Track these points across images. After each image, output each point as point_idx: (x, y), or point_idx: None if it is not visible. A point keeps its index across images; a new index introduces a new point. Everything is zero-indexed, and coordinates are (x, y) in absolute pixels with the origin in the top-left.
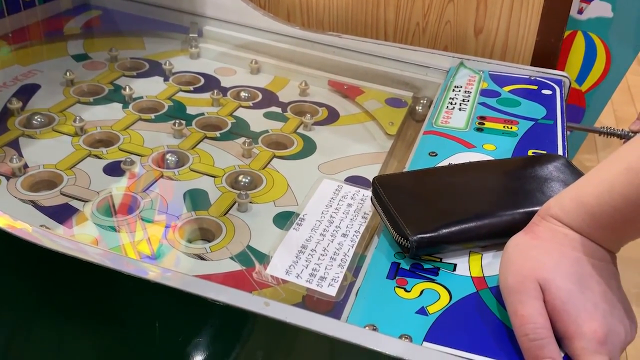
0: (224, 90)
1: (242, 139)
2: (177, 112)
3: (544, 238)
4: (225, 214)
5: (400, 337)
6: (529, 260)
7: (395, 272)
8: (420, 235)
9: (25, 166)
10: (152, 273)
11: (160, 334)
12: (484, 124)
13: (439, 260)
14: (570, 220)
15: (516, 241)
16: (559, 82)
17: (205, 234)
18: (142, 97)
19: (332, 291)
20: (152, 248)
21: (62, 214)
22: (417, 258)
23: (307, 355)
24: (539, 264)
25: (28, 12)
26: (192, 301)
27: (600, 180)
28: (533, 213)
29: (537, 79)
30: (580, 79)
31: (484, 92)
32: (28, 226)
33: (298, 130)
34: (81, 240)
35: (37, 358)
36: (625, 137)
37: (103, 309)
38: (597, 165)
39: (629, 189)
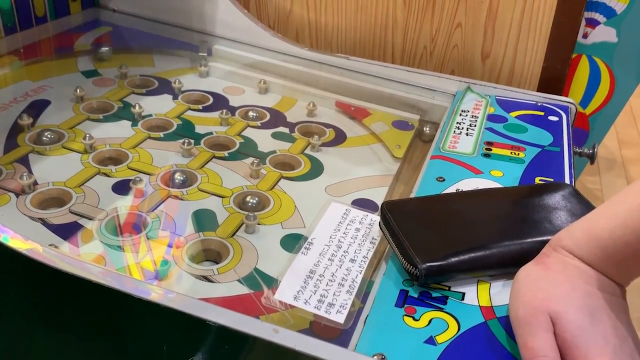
0: (232, 110)
1: (250, 159)
2: (186, 130)
3: (555, 269)
4: (232, 235)
5: None
6: (540, 292)
7: (403, 300)
8: (429, 264)
9: (35, 183)
10: (156, 295)
11: (166, 356)
12: (491, 149)
13: (447, 288)
14: (582, 252)
15: (526, 272)
16: (566, 109)
17: (213, 255)
18: (151, 115)
19: (340, 318)
20: (158, 268)
21: (71, 232)
22: (426, 286)
23: None
24: (550, 296)
25: (40, 27)
26: (197, 325)
27: (613, 215)
28: (541, 243)
29: (544, 104)
30: (584, 102)
31: (491, 117)
32: (39, 246)
33: (305, 151)
34: (88, 259)
35: None
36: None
37: (111, 331)
38: (610, 199)
39: None
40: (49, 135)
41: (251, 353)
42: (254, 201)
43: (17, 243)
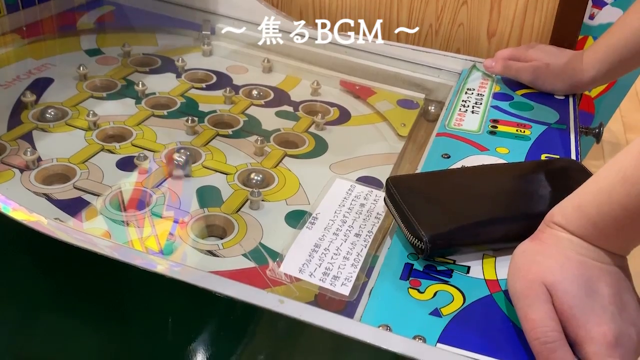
0: (236, 88)
1: (254, 137)
2: (190, 109)
3: (549, 244)
4: (237, 212)
5: (414, 337)
6: (534, 265)
7: (408, 273)
8: (434, 237)
9: (39, 159)
10: (163, 267)
11: (172, 329)
12: (496, 127)
13: (452, 262)
14: (573, 228)
15: (522, 248)
16: None
17: (217, 230)
18: (154, 93)
19: (345, 290)
20: (164, 243)
21: (75, 207)
22: (431, 259)
23: (319, 353)
24: (544, 268)
25: (42, 6)
26: (204, 297)
27: (599, 190)
28: None
29: None
30: None
31: (497, 96)
32: (43, 219)
33: (309, 130)
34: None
35: (44, 348)
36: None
37: (116, 305)
38: (596, 172)
39: (627, 200)
40: (52, 113)
41: (257, 326)
42: (259, 178)
43: (22, 215)
